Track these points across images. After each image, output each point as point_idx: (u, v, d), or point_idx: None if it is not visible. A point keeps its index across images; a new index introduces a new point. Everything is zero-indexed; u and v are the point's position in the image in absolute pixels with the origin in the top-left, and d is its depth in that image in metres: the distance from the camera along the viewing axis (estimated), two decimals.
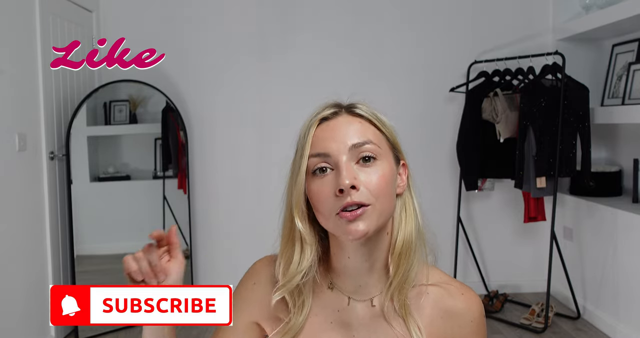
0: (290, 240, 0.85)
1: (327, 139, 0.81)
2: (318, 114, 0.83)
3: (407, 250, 0.84)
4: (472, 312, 0.87)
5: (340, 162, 0.79)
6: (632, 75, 2.81)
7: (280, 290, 0.84)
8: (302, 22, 3.36)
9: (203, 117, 3.36)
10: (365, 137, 0.81)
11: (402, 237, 0.84)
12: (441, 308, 0.87)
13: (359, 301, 0.86)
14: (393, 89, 3.37)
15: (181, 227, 3.26)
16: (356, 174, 0.78)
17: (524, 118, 2.83)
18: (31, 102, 2.63)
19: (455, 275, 3.28)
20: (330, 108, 0.84)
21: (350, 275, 0.85)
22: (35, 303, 2.59)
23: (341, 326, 0.86)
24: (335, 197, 0.77)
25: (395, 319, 0.85)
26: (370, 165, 0.80)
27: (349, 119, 0.83)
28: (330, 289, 0.87)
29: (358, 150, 0.80)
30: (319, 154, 0.80)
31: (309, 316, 0.86)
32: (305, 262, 0.83)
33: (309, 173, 0.81)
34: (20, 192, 2.53)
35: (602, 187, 3.00)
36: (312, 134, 0.81)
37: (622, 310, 2.71)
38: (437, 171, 3.41)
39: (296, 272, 0.83)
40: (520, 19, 3.37)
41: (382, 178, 0.79)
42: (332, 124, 0.82)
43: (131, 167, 3.30)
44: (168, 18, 3.34)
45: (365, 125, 0.83)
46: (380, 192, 0.79)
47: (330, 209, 0.78)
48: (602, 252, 2.85)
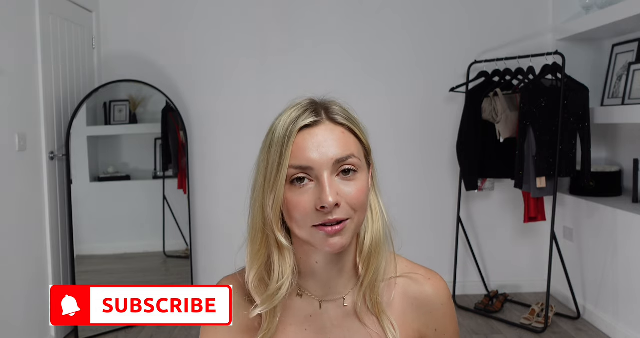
0: (263, 248, 0.82)
1: (309, 149, 0.77)
2: (298, 120, 0.79)
3: (375, 249, 0.84)
4: (441, 295, 0.88)
5: (322, 177, 0.77)
6: (632, 75, 2.81)
7: (268, 303, 0.81)
8: (302, 22, 3.36)
9: (203, 117, 3.36)
10: (349, 150, 0.79)
11: (370, 237, 0.84)
12: (410, 298, 0.87)
13: (330, 302, 0.86)
14: (393, 89, 3.37)
15: (181, 227, 3.27)
16: (338, 189, 0.77)
17: (524, 118, 2.83)
18: (31, 102, 2.63)
19: (455, 275, 3.29)
20: (310, 115, 0.80)
21: (320, 279, 0.85)
22: (35, 303, 2.59)
23: (316, 331, 0.86)
24: (316, 211, 0.76)
25: (368, 317, 0.85)
26: (351, 178, 0.78)
27: (330, 128, 0.80)
28: (299, 296, 0.86)
29: (340, 164, 0.78)
30: (300, 166, 0.77)
31: (283, 327, 0.85)
32: (288, 268, 0.81)
33: (286, 181, 0.78)
34: (20, 192, 2.52)
35: (602, 187, 3.00)
36: (292, 142, 0.78)
37: (622, 310, 2.71)
38: (437, 171, 3.41)
39: (284, 280, 0.81)
40: (520, 19, 3.37)
41: (361, 191, 0.79)
42: (314, 133, 0.79)
43: (131, 167, 3.30)
44: (168, 18, 3.34)
45: (346, 134, 0.81)
46: (360, 205, 0.78)
47: (308, 221, 0.77)
48: (602, 252, 2.85)
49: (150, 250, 3.25)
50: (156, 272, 3.31)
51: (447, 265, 3.34)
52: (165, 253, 3.27)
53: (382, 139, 3.27)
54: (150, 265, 3.26)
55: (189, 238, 3.24)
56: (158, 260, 3.29)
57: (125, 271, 3.20)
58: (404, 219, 3.25)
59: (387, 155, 3.29)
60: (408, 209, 3.38)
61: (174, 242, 3.27)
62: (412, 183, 3.41)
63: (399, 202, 3.31)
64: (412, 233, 3.31)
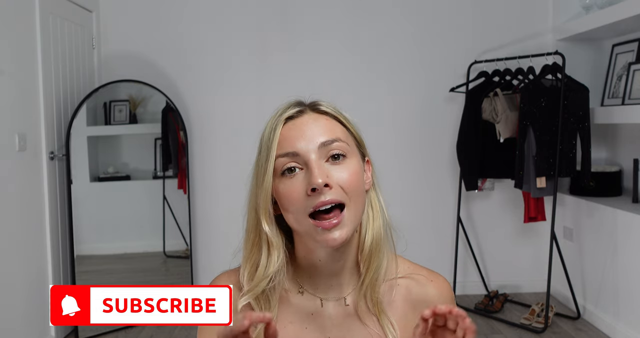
0: (256, 244, 0.83)
1: (295, 137, 0.79)
2: (282, 113, 0.81)
3: (376, 247, 0.83)
4: (444, 296, 0.87)
5: (310, 160, 0.77)
6: (632, 75, 2.81)
7: (247, 295, 0.82)
8: (302, 22, 3.36)
9: (203, 117, 3.36)
10: (334, 134, 0.80)
11: (371, 235, 0.84)
12: (413, 300, 0.87)
13: (331, 301, 0.85)
14: (393, 89, 3.37)
15: (181, 227, 3.27)
16: (328, 173, 0.77)
17: (524, 118, 2.83)
18: (31, 102, 2.63)
19: (455, 275, 3.29)
20: (294, 107, 0.82)
21: (321, 276, 0.84)
22: (35, 303, 2.59)
23: (316, 329, 0.85)
24: (307, 197, 0.76)
25: (368, 317, 0.85)
26: (340, 162, 0.79)
27: (314, 116, 0.81)
28: (300, 293, 0.86)
29: (327, 148, 0.78)
30: (287, 153, 0.78)
31: (283, 324, 0.84)
32: (272, 267, 0.81)
33: (276, 175, 0.79)
34: (20, 192, 2.53)
35: (602, 187, 3.00)
36: (278, 134, 0.79)
37: (622, 310, 2.71)
38: (437, 171, 3.41)
39: (263, 277, 0.81)
40: (520, 19, 3.37)
41: (353, 175, 0.79)
42: (299, 122, 0.81)
43: (131, 167, 3.30)
44: (168, 18, 3.34)
45: (331, 122, 0.82)
46: (353, 189, 0.78)
47: (302, 209, 0.77)
48: (602, 252, 2.85)
49: (150, 250, 3.25)
50: (156, 272, 3.31)
51: (447, 265, 3.34)
52: (165, 253, 3.27)
53: (382, 138, 3.27)
54: (150, 265, 3.26)
55: (189, 238, 3.24)
56: (158, 260, 3.29)
57: (125, 271, 3.20)
58: (404, 219, 3.26)
59: (387, 155, 3.29)
60: (408, 209, 3.37)
61: (174, 242, 3.27)
62: (412, 183, 3.41)
63: (399, 202, 3.31)
64: (412, 233, 3.30)
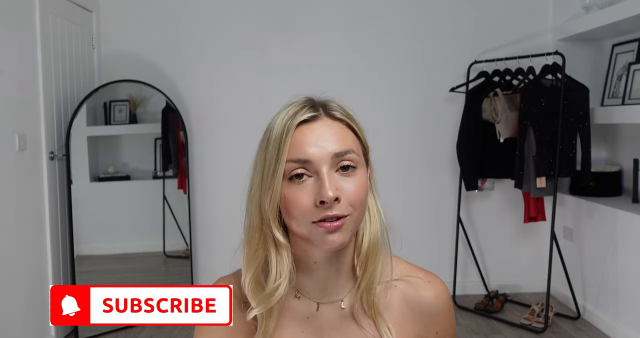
0: (261, 248, 0.81)
1: (308, 143, 0.77)
2: (296, 115, 0.79)
3: (373, 250, 0.83)
4: (441, 298, 0.87)
5: (321, 171, 0.76)
6: (632, 75, 2.81)
7: (265, 303, 0.79)
8: (302, 22, 3.36)
9: (203, 117, 3.36)
10: (347, 145, 0.78)
11: (368, 238, 0.83)
12: (410, 301, 0.86)
13: (327, 304, 0.85)
14: (393, 89, 3.37)
15: (181, 227, 3.27)
16: (337, 185, 0.76)
17: (524, 118, 2.83)
18: (31, 102, 2.63)
19: (455, 275, 3.29)
20: (308, 110, 0.80)
21: (317, 279, 0.84)
22: (35, 303, 2.59)
23: (312, 333, 0.85)
24: (315, 207, 0.76)
25: (365, 320, 0.84)
26: (350, 174, 0.78)
27: (329, 123, 0.80)
28: (297, 298, 0.85)
29: (339, 159, 0.77)
30: (298, 159, 0.77)
31: (280, 329, 0.84)
32: (286, 268, 0.80)
33: (284, 178, 0.78)
34: (20, 192, 2.53)
35: (602, 187, 3.00)
36: (290, 137, 0.77)
37: (622, 310, 2.71)
38: (437, 171, 3.41)
39: (281, 280, 0.79)
40: (520, 19, 3.37)
41: (360, 188, 0.78)
42: (313, 127, 0.79)
43: (131, 167, 3.30)
44: (168, 18, 3.34)
45: (344, 130, 0.81)
46: (359, 202, 0.78)
47: (307, 217, 0.76)
48: (602, 252, 2.85)
49: (150, 250, 3.25)
50: (156, 272, 3.31)
51: (447, 265, 3.34)
52: (165, 253, 3.27)
53: (382, 138, 3.27)
54: (150, 265, 3.26)
55: (189, 238, 3.24)
56: (158, 260, 3.29)
57: (125, 271, 3.20)
58: (403, 219, 3.27)
59: (387, 155, 3.29)
60: (408, 209, 3.38)
61: (174, 242, 3.27)
62: (412, 183, 3.41)
63: (399, 202, 3.31)
64: (412, 233, 3.32)
